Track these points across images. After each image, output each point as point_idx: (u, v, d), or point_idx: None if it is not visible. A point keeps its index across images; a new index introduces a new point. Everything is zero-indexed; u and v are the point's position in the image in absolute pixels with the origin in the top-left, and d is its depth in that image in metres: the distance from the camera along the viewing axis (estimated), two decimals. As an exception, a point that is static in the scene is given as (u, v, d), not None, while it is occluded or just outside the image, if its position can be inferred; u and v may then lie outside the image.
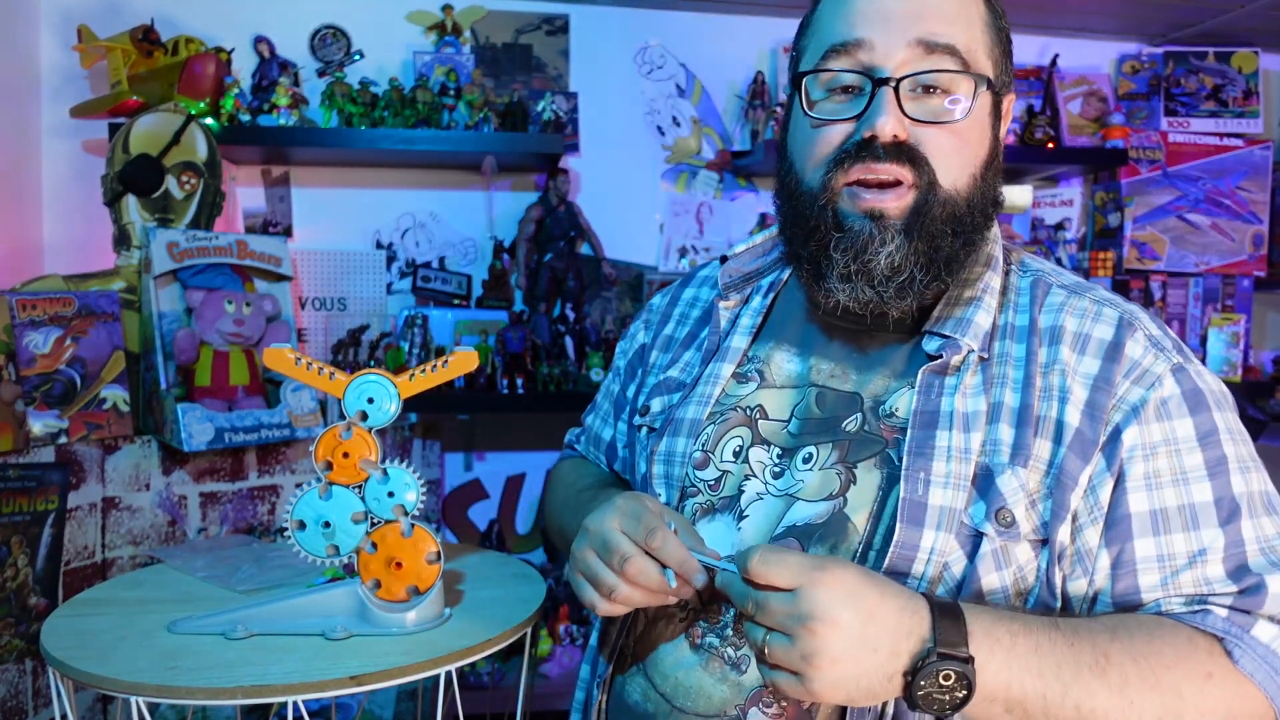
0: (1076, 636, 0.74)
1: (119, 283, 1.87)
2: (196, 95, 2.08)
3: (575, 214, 2.34)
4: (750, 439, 0.93)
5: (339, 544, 0.98)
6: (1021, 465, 0.81)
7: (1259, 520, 0.80)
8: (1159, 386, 0.82)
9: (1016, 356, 0.86)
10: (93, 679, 0.85)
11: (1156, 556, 0.80)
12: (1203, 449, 0.81)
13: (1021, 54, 2.66)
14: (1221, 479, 0.80)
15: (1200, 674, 0.75)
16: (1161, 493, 0.80)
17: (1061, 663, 0.72)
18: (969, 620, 0.72)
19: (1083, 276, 2.52)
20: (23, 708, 1.60)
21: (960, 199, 0.86)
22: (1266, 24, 2.55)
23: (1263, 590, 0.77)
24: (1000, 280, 0.92)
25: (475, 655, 0.94)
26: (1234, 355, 2.55)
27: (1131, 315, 0.86)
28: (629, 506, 0.85)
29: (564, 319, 2.32)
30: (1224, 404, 0.84)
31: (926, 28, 0.83)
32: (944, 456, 0.82)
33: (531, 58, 2.43)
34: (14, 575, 1.60)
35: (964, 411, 0.84)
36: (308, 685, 0.85)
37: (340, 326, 2.26)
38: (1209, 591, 0.78)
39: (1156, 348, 0.84)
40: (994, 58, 0.88)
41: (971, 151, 0.87)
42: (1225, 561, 0.79)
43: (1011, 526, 0.80)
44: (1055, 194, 2.67)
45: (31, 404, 1.67)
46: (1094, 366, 0.83)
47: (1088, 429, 0.81)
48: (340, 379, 0.99)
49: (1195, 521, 0.80)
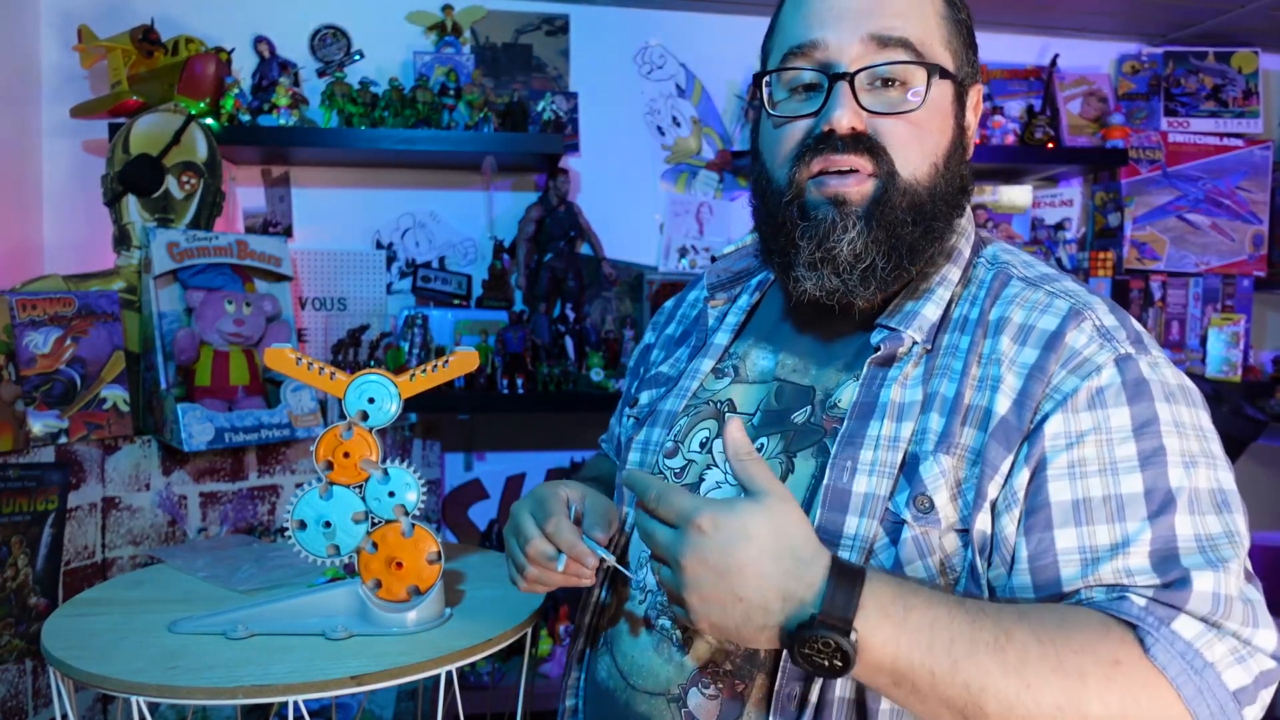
0: (981, 615, 0.72)
1: (119, 283, 1.87)
2: (196, 95, 2.08)
3: (575, 214, 2.34)
4: (716, 430, 0.96)
5: (339, 544, 0.98)
6: (944, 453, 0.82)
7: (1201, 517, 0.77)
8: (1095, 376, 0.80)
9: (960, 348, 0.87)
10: (93, 679, 0.86)
11: (1078, 548, 0.77)
12: (1137, 440, 0.78)
13: (1021, 54, 2.67)
14: (1155, 470, 0.77)
15: (1108, 660, 0.71)
16: (1086, 482, 0.78)
17: (956, 639, 0.70)
18: (866, 590, 0.71)
19: (1083, 277, 2.53)
20: (23, 708, 1.60)
21: (920, 188, 0.87)
22: (1266, 24, 2.55)
23: (1187, 586, 0.73)
24: (960, 273, 0.92)
25: (475, 655, 0.94)
26: (1234, 355, 2.55)
27: (1085, 306, 0.85)
28: (541, 494, 0.96)
29: (564, 319, 2.32)
30: (1177, 398, 0.81)
31: (879, 23, 0.86)
32: (873, 445, 0.84)
33: (531, 58, 2.43)
34: (14, 575, 1.60)
35: (899, 402, 0.85)
36: (308, 685, 0.85)
37: (340, 326, 2.26)
38: (1129, 582, 0.75)
39: (1103, 338, 0.82)
40: (952, 49, 0.90)
41: (931, 141, 0.88)
42: (1151, 555, 0.75)
43: (930, 512, 0.80)
44: (1055, 194, 2.67)
45: (32, 404, 1.67)
46: (1032, 356, 0.83)
47: (1014, 418, 0.81)
48: (341, 379, 0.99)
49: (1121, 513, 0.77)
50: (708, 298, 1.08)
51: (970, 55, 0.92)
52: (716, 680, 0.87)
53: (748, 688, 0.85)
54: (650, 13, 2.46)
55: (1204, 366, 2.57)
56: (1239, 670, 0.72)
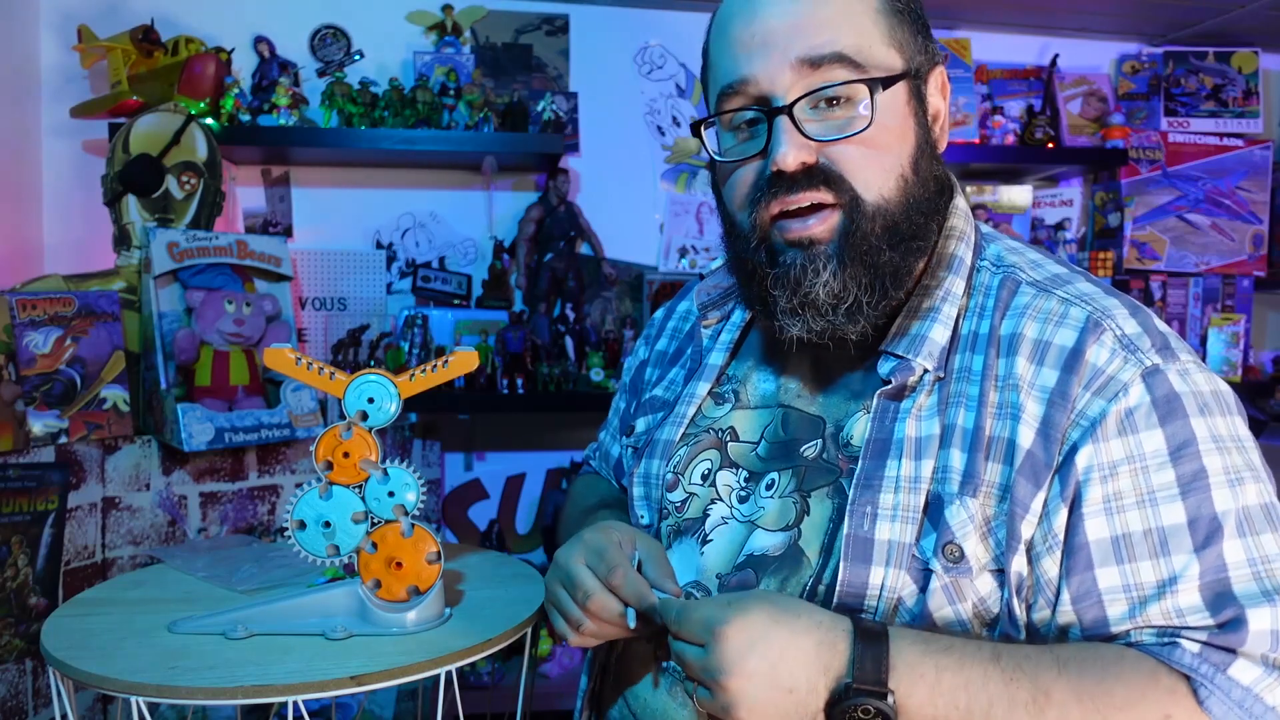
0: (1018, 671, 0.69)
1: (119, 283, 1.87)
2: (196, 95, 2.08)
3: (575, 214, 2.34)
4: (719, 461, 0.91)
5: (339, 544, 0.98)
6: (970, 495, 0.76)
7: (1255, 539, 0.71)
8: (1123, 396, 0.73)
9: (974, 370, 0.80)
10: (93, 679, 0.85)
11: (1123, 586, 0.72)
12: (1175, 464, 0.72)
13: (1021, 54, 2.67)
14: (1198, 496, 0.71)
15: (1157, 717, 0.67)
16: (1124, 516, 0.72)
17: (994, 700, 0.68)
18: (893, 651, 0.69)
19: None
20: (23, 708, 1.60)
21: (892, 206, 0.80)
22: (1266, 24, 2.55)
23: (1243, 626, 0.68)
24: (964, 283, 0.84)
25: (475, 655, 0.94)
26: (1234, 355, 2.55)
27: (1103, 313, 0.77)
28: (595, 540, 0.86)
29: (564, 319, 2.32)
30: (1213, 408, 0.74)
31: (807, 43, 0.78)
32: (892, 488, 0.78)
33: (531, 58, 2.43)
34: (14, 575, 1.60)
35: (916, 437, 0.79)
36: (308, 685, 0.85)
37: (340, 326, 2.26)
38: (1180, 624, 0.70)
39: (1127, 350, 0.75)
40: (898, 41, 0.81)
41: (892, 154, 0.81)
42: (1202, 590, 0.70)
43: (960, 561, 0.75)
44: (1055, 194, 2.67)
45: (32, 404, 1.67)
46: (1051, 378, 0.76)
47: (1040, 450, 0.74)
48: (340, 379, 0.99)
49: (1165, 547, 0.71)
50: (700, 317, 1.03)
51: (922, 40, 0.84)
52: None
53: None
54: (650, 13, 2.46)
55: (1204, 366, 2.58)
56: None
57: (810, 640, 0.70)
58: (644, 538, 0.90)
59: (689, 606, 0.74)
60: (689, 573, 0.88)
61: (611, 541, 0.86)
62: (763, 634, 0.69)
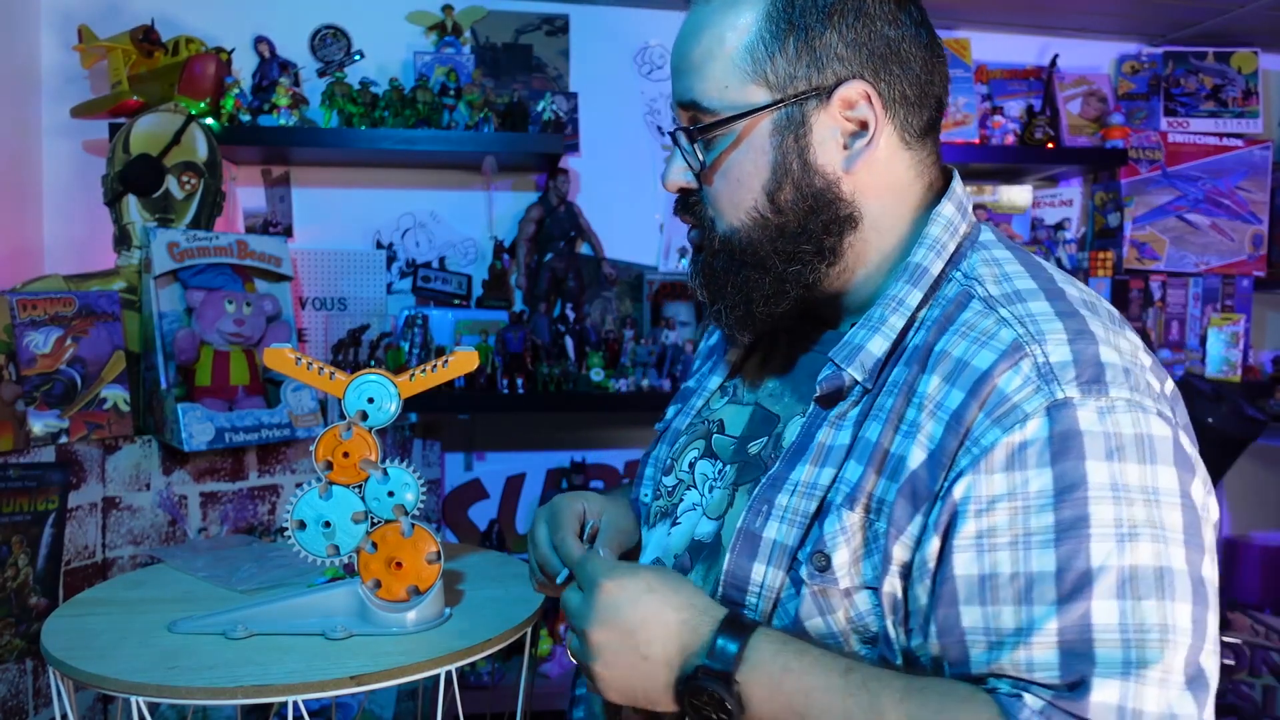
0: (862, 690, 0.68)
1: (119, 283, 1.87)
2: (197, 95, 2.08)
3: (575, 214, 2.34)
4: (703, 451, 0.95)
5: (339, 544, 0.98)
6: (849, 508, 0.75)
7: (1134, 603, 0.65)
8: (1019, 428, 0.68)
9: (899, 383, 0.78)
10: (93, 679, 0.86)
11: (983, 629, 0.68)
12: (1056, 508, 0.67)
13: (1021, 54, 2.67)
14: (1072, 545, 0.66)
15: None
16: (995, 555, 0.68)
17: (828, 711, 0.69)
18: (750, 646, 0.71)
19: (1082, 277, 2.53)
20: (23, 708, 1.60)
21: (742, 237, 0.84)
22: (1266, 24, 2.55)
23: (1086, 695, 0.63)
24: (922, 294, 0.81)
25: (475, 655, 0.94)
26: (1233, 355, 2.56)
27: (1034, 338, 0.72)
28: (559, 504, 0.98)
29: (564, 319, 2.32)
30: (1128, 453, 0.67)
31: (680, 86, 0.85)
32: (791, 490, 0.79)
33: (531, 58, 2.43)
34: (14, 575, 1.60)
35: (826, 445, 0.79)
36: (308, 685, 0.85)
37: (340, 326, 2.26)
38: (1028, 678, 0.66)
39: (1042, 379, 0.69)
40: (767, 74, 0.81)
41: (744, 189, 0.83)
42: (1060, 647, 0.65)
43: (825, 571, 0.75)
44: (1055, 194, 2.67)
45: (32, 404, 1.67)
46: (956, 400, 0.72)
47: (925, 473, 0.72)
48: (340, 379, 0.99)
49: (1028, 595, 0.67)
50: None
51: (813, 62, 0.80)
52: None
53: None
54: (650, 13, 2.46)
55: (1204, 366, 2.57)
56: None
57: (677, 617, 0.74)
58: (616, 511, 0.99)
59: (589, 558, 0.81)
60: (656, 552, 0.93)
61: (571, 507, 0.97)
62: (634, 598, 0.74)
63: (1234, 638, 2.26)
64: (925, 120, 0.85)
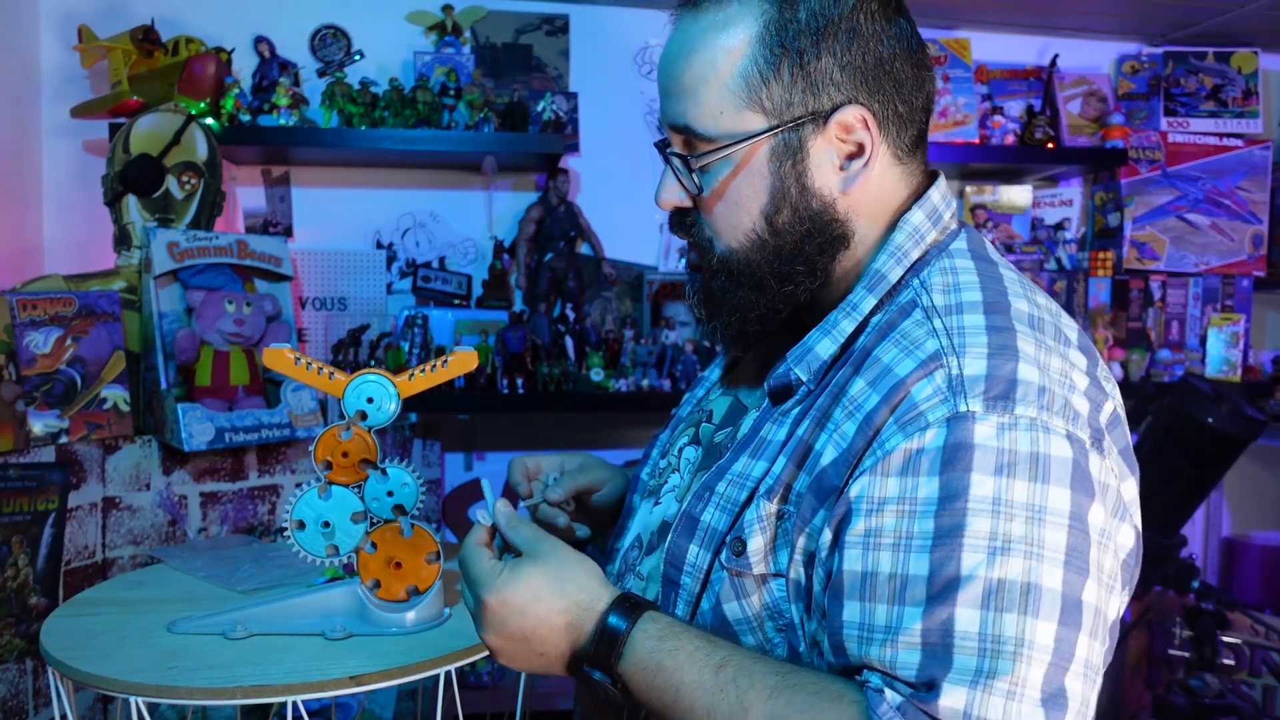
0: (732, 686, 0.72)
1: (119, 283, 1.87)
2: (197, 95, 2.08)
3: (575, 214, 2.34)
4: (692, 438, 0.99)
5: (339, 544, 0.98)
6: (767, 498, 0.79)
7: (997, 614, 0.66)
8: (918, 435, 0.71)
9: (835, 385, 0.81)
10: (93, 679, 0.86)
11: (859, 623, 0.71)
12: (937, 515, 0.69)
13: (1021, 54, 2.67)
14: (945, 552, 0.68)
15: None
16: (878, 555, 0.71)
17: (694, 706, 0.73)
18: (629, 642, 0.76)
19: (1082, 277, 2.53)
20: (23, 708, 1.60)
21: (738, 257, 0.85)
22: (1266, 24, 2.55)
23: (935, 697, 0.65)
24: (876, 300, 0.84)
25: (475, 655, 0.94)
26: (1233, 355, 2.55)
27: (954, 350, 0.74)
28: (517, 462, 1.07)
29: (564, 319, 2.32)
30: (1019, 471, 0.69)
31: (672, 109, 0.85)
32: (729, 480, 0.83)
33: (531, 58, 2.43)
34: (14, 575, 1.60)
35: (765, 439, 0.84)
36: (308, 685, 0.85)
37: (340, 326, 2.26)
38: (891, 673, 0.68)
39: (950, 390, 0.71)
40: (763, 101, 0.81)
41: (741, 212, 0.84)
42: (922, 647, 0.67)
43: (740, 556, 0.79)
44: (1055, 194, 2.67)
45: (32, 404, 1.67)
46: (872, 403, 0.75)
47: (833, 470, 0.75)
48: (340, 379, 0.99)
49: (901, 595, 0.69)
50: None
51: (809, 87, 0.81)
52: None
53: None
54: (650, 13, 2.46)
55: (1204, 366, 2.57)
56: None
57: (564, 620, 0.78)
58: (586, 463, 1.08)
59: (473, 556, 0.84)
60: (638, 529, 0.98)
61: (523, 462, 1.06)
62: (521, 609, 0.78)
63: (1234, 638, 2.26)
64: (915, 133, 0.86)
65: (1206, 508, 2.79)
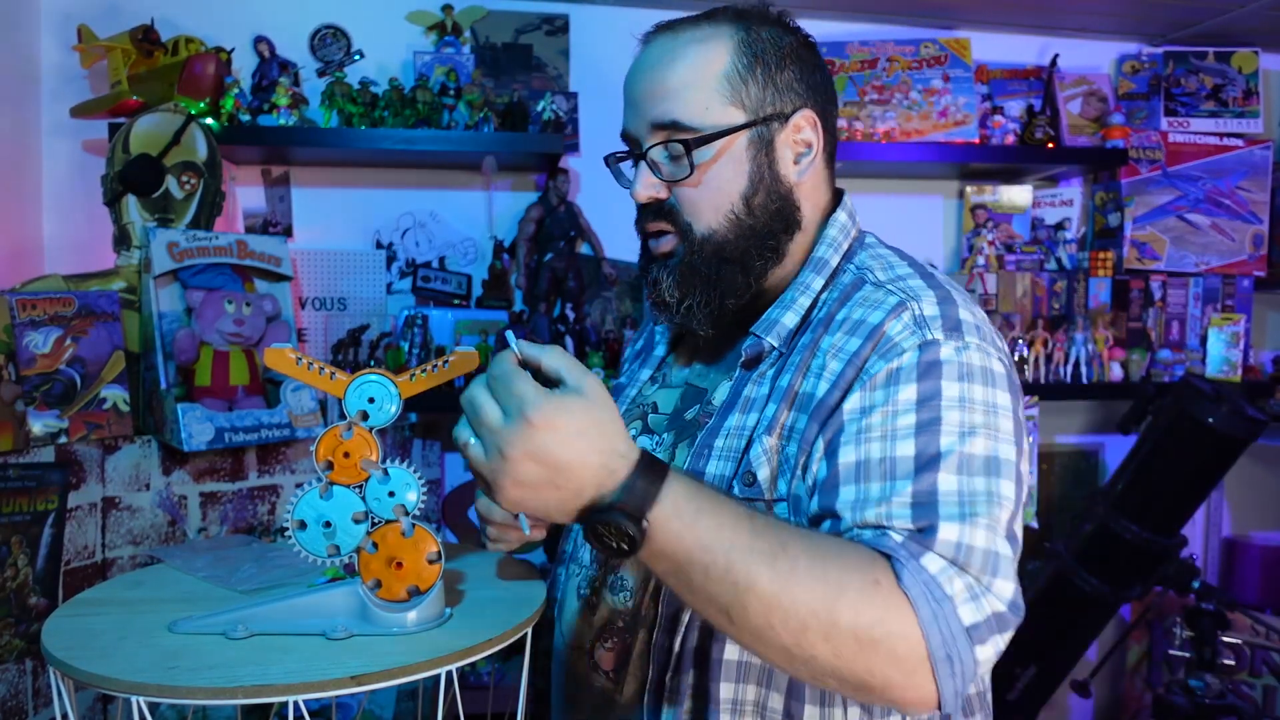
0: (767, 529, 0.80)
1: (119, 283, 1.87)
2: (196, 95, 2.08)
3: (575, 214, 2.34)
4: (641, 429, 1.14)
5: (340, 544, 0.98)
6: (767, 434, 0.95)
7: (968, 478, 0.86)
8: (896, 357, 0.91)
9: (804, 344, 0.99)
10: (93, 679, 0.85)
11: (854, 501, 0.87)
12: (918, 411, 0.88)
13: (1021, 54, 2.67)
14: (927, 437, 0.87)
15: (870, 580, 0.79)
16: (869, 446, 0.89)
17: (736, 544, 0.78)
18: (667, 486, 0.78)
19: (1082, 276, 2.53)
20: (23, 708, 1.60)
21: (719, 237, 1.01)
22: (1266, 24, 2.55)
23: (934, 534, 0.83)
24: (824, 280, 1.04)
25: (476, 655, 0.94)
26: (1234, 355, 2.55)
27: (912, 298, 0.95)
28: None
29: (564, 319, 2.32)
30: (974, 378, 0.90)
31: (654, 110, 1.00)
32: (725, 434, 0.99)
33: (531, 58, 2.43)
34: (14, 575, 1.60)
35: (750, 396, 1.00)
36: (308, 685, 0.85)
37: (340, 326, 2.26)
38: (888, 524, 0.84)
39: (917, 325, 0.92)
40: (742, 100, 1.00)
41: (722, 195, 1.01)
42: (912, 506, 0.85)
43: (753, 486, 0.95)
44: (1055, 194, 2.67)
45: (31, 404, 1.67)
46: (854, 345, 0.94)
47: (828, 398, 0.92)
48: (341, 379, 0.99)
49: (892, 471, 0.87)
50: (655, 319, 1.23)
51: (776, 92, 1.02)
52: (612, 636, 1.06)
53: (633, 640, 1.03)
54: (650, 13, 2.44)
55: (1204, 366, 2.57)
56: (972, 607, 0.80)
57: (599, 460, 0.78)
58: None
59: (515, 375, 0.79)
60: None
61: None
62: (565, 440, 0.76)
63: (1234, 638, 2.26)
64: (834, 143, 1.09)
65: (1207, 508, 2.80)
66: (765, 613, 0.78)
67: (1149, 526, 2.15)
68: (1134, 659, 2.78)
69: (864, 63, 2.52)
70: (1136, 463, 2.19)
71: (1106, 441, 2.79)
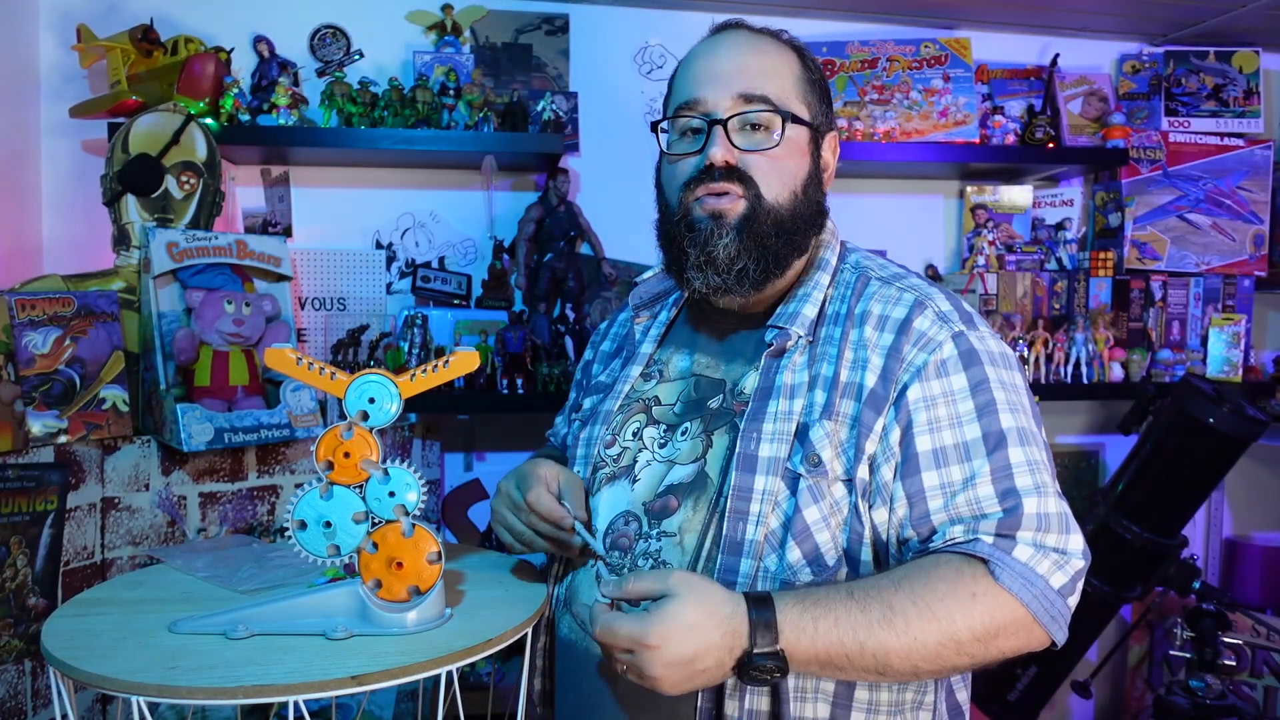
0: (868, 598, 0.95)
1: (118, 283, 1.87)
2: (196, 95, 2.07)
3: (575, 214, 2.33)
4: (646, 421, 1.19)
5: (340, 544, 0.98)
6: (828, 419, 1.05)
7: (1027, 448, 1.02)
8: (938, 350, 1.05)
9: (835, 337, 1.10)
10: (93, 679, 0.85)
11: (939, 485, 1.01)
12: (974, 396, 1.03)
13: (1022, 54, 2.67)
14: (989, 418, 1.02)
15: (967, 596, 0.95)
16: (941, 434, 1.03)
17: (856, 625, 0.94)
18: (779, 617, 0.93)
19: (1083, 276, 2.54)
20: (22, 708, 1.59)
21: (782, 209, 1.11)
22: (1267, 23, 2.55)
23: (1019, 511, 0.98)
24: (829, 278, 1.16)
25: (475, 655, 0.94)
26: (1234, 355, 2.55)
27: (925, 296, 1.09)
28: (525, 470, 1.17)
29: (564, 319, 2.31)
30: (998, 362, 1.06)
31: (746, 84, 1.11)
32: (772, 419, 1.07)
33: (531, 58, 2.42)
34: (13, 575, 1.59)
35: (790, 383, 1.09)
36: (308, 685, 0.84)
37: (340, 326, 2.26)
38: (979, 511, 1.00)
39: (942, 320, 1.07)
40: (807, 103, 1.15)
41: (790, 172, 1.12)
42: (994, 483, 1.00)
43: (819, 466, 1.03)
44: (1056, 194, 2.67)
45: (31, 404, 1.67)
46: (889, 340, 1.07)
47: (880, 388, 1.05)
48: (341, 379, 0.99)
49: (968, 454, 1.02)
50: (633, 316, 1.32)
51: (825, 109, 1.19)
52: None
53: None
54: (650, 13, 2.45)
55: (1204, 366, 2.57)
56: (1060, 575, 0.98)
57: (719, 634, 0.92)
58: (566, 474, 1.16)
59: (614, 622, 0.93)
60: (621, 505, 1.14)
61: (535, 473, 1.15)
62: (681, 640, 0.91)
63: (1235, 638, 2.26)
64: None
65: (1208, 508, 2.79)
66: (906, 663, 0.94)
67: (1150, 527, 2.14)
68: (1135, 659, 2.78)
69: (864, 62, 2.51)
70: (1137, 463, 2.18)
71: (1107, 442, 2.79)
